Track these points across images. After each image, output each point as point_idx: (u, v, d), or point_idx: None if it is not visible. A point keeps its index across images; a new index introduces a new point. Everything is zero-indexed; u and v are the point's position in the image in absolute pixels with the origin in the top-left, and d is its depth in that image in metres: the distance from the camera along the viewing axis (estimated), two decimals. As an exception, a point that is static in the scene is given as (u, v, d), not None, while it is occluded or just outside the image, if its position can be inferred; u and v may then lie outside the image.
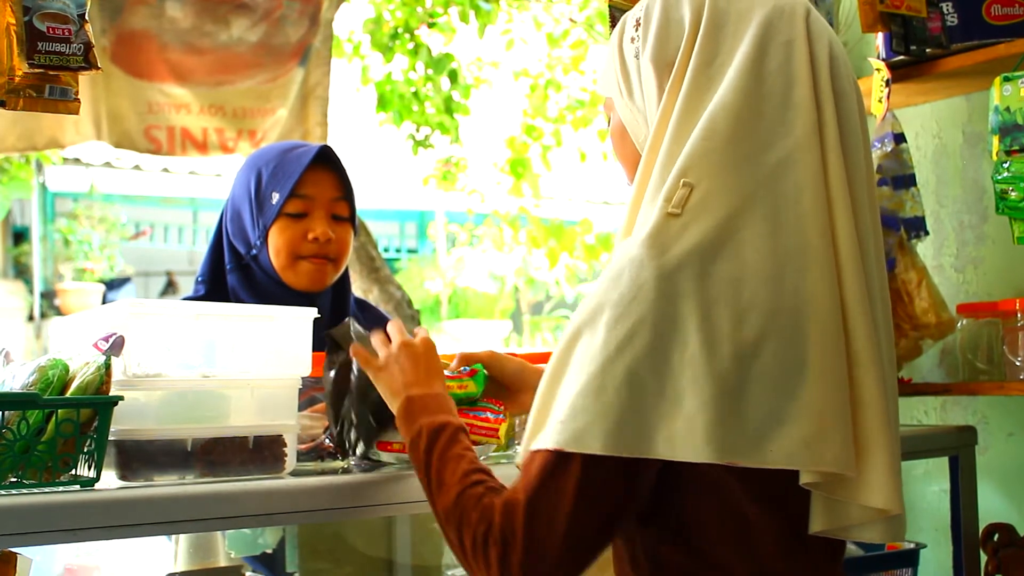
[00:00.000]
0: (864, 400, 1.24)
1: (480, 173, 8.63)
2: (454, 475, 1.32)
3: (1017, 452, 2.55)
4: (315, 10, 4.52)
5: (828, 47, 1.32)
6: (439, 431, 1.39)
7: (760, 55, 1.29)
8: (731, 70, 1.29)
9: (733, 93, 1.27)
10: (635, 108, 1.39)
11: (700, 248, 1.20)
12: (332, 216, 2.10)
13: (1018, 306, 2.26)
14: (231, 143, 4.47)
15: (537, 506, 1.20)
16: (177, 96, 4.38)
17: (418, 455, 1.39)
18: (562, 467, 1.20)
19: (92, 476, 1.40)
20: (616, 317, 1.20)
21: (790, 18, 1.32)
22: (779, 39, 1.30)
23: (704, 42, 1.31)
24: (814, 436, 1.18)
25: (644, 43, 1.36)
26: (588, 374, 1.20)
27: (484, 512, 1.24)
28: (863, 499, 1.23)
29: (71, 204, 9.49)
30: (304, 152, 2.08)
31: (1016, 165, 2.05)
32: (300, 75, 4.51)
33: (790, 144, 1.26)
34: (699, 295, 1.19)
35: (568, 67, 7.71)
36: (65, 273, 9.10)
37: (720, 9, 1.33)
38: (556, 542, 1.20)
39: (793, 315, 1.20)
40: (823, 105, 1.29)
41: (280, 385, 1.58)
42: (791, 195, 1.24)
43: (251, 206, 2.10)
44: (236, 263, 2.13)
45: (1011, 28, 2.29)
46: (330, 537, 2.06)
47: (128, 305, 1.49)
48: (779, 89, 1.28)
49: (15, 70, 1.48)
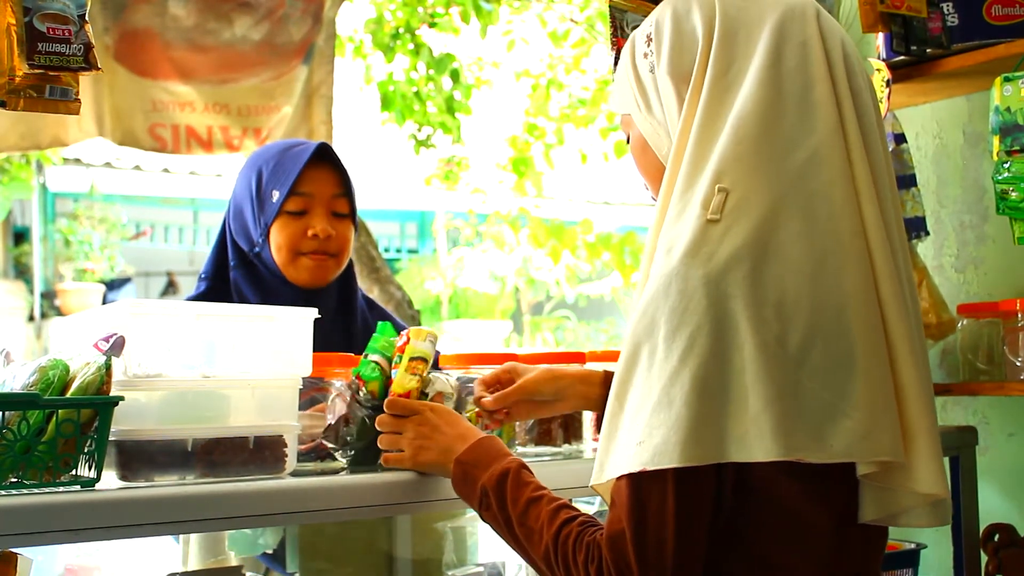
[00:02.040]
0: (905, 390, 1.27)
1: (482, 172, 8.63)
2: (539, 520, 1.34)
3: (1017, 452, 2.55)
4: (318, 8, 4.53)
5: (841, 45, 1.34)
6: (502, 482, 1.41)
7: (776, 58, 1.31)
8: (749, 75, 1.30)
9: (754, 97, 1.29)
10: (655, 121, 1.40)
11: (743, 251, 1.23)
12: (332, 213, 2.11)
13: (1018, 306, 2.25)
14: (236, 141, 4.47)
15: (643, 532, 1.22)
16: (181, 94, 4.38)
17: (493, 515, 1.42)
18: (654, 488, 1.22)
19: (93, 476, 1.40)
20: (673, 329, 1.22)
21: (801, 19, 1.34)
22: (793, 40, 1.32)
23: (719, 50, 1.33)
24: (869, 428, 1.22)
25: (659, 57, 1.37)
26: (656, 390, 1.22)
27: (589, 550, 1.27)
28: (912, 485, 1.27)
29: (71, 204, 9.50)
30: (303, 150, 2.10)
31: (1016, 165, 2.05)
32: (304, 73, 4.51)
33: (814, 143, 1.28)
34: (748, 297, 1.21)
35: (570, 67, 7.71)
36: (65, 273, 9.10)
37: (731, 17, 1.34)
38: (668, 563, 1.22)
39: (836, 311, 1.23)
40: (842, 102, 1.31)
41: (280, 385, 1.59)
42: (821, 193, 1.26)
43: (252, 204, 2.12)
44: (239, 260, 2.15)
45: (1011, 28, 2.29)
46: (330, 537, 2.06)
47: (128, 305, 1.49)
48: (798, 89, 1.30)
49: (15, 70, 1.48)
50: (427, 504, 1.61)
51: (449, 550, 2.18)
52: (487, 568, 2.18)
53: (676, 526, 1.22)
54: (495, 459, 1.45)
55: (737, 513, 1.28)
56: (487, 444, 1.49)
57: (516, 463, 1.44)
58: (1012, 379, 2.26)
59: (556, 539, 1.31)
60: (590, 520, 1.32)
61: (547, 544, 1.32)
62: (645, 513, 1.22)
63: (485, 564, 2.19)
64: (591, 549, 1.27)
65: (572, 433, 1.95)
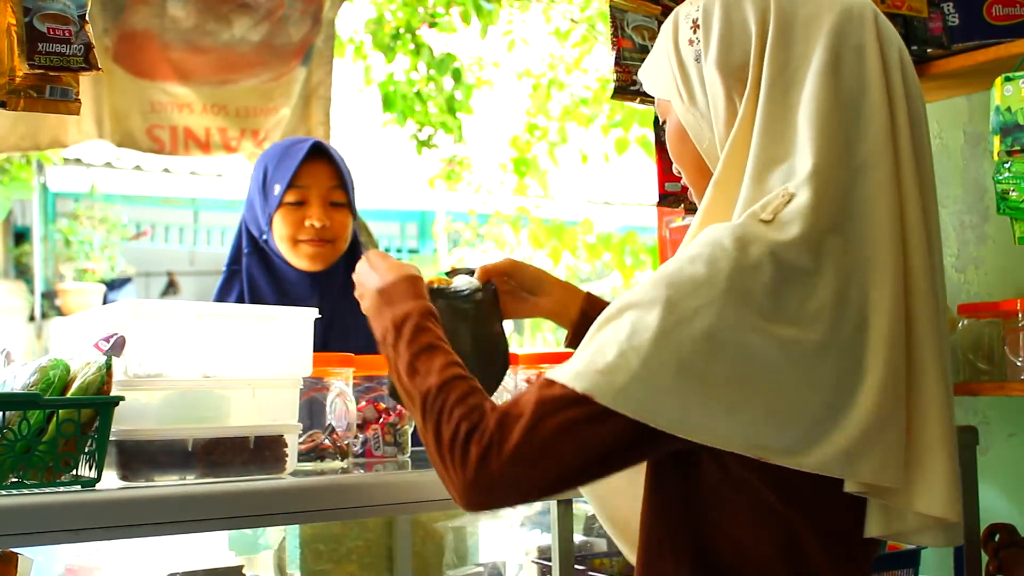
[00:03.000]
0: (927, 410, 1.24)
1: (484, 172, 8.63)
2: (431, 366, 1.29)
3: (1018, 452, 2.55)
4: (317, 9, 4.53)
5: (898, 51, 1.32)
6: (404, 321, 1.35)
7: (835, 61, 1.28)
8: (809, 77, 1.28)
9: (816, 100, 1.26)
10: (698, 113, 1.37)
11: (779, 256, 1.20)
12: (330, 203, 2.35)
13: (1019, 306, 2.25)
14: (234, 142, 4.48)
15: (541, 431, 1.18)
16: (180, 95, 4.38)
17: (387, 350, 1.36)
18: (582, 409, 1.18)
19: (93, 476, 1.40)
20: (682, 296, 1.19)
21: (860, 21, 1.31)
22: (850, 43, 1.30)
23: (774, 48, 1.30)
24: (855, 447, 1.19)
25: (707, 47, 1.33)
26: (642, 340, 1.17)
27: (472, 411, 1.22)
28: (920, 507, 1.23)
29: (72, 204, 9.49)
30: (300, 147, 2.34)
31: (1017, 165, 2.04)
32: (303, 74, 4.51)
33: (864, 151, 1.26)
34: (770, 299, 1.18)
35: (571, 66, 7.71)
36: (66, 273, 9.10)
37: (787, 12, 1.31)
38: (547, 469, 1.19)
39: (855, 327, 1.21)
40: (896, 110, 1.29)
41: (280, 385, 1.59)
42: (865, 203, 1.24)
43: (260, 197, 2.36)
44: (252, 247, 2.41)
45: (1012, 28, 2.28)
46: (330, 537, 2.06)
47: (129, 305, 1.49)
48: (854, 95, 1.28)
49: (16, 71, 1.48)
50: (427, 504, 1.61)
51: (449, 550, 2.18)
52: (487, 568, 2.18)
53: (576, 450, 1.19)
54: (407, 299, 1.39)
55: (720, 509, 1.28)
56: (406, 285, 1.42)
57: (426, 308, 1.39)
58: (1012, 379, 2.25)
59: (442, 386, 1.26)
60: (481, 389, 1.27)
61: (430, 387, 1.26)
62: (556, 419, 1.18)
63: (485, 564, 2.19)
64: (474, 411, 1.22)
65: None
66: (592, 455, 1.20)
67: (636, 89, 2.38)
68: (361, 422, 1.81)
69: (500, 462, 1.18)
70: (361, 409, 1.81)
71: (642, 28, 2.40)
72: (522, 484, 1.20)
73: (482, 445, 1.19)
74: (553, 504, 1.70)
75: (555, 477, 1.21)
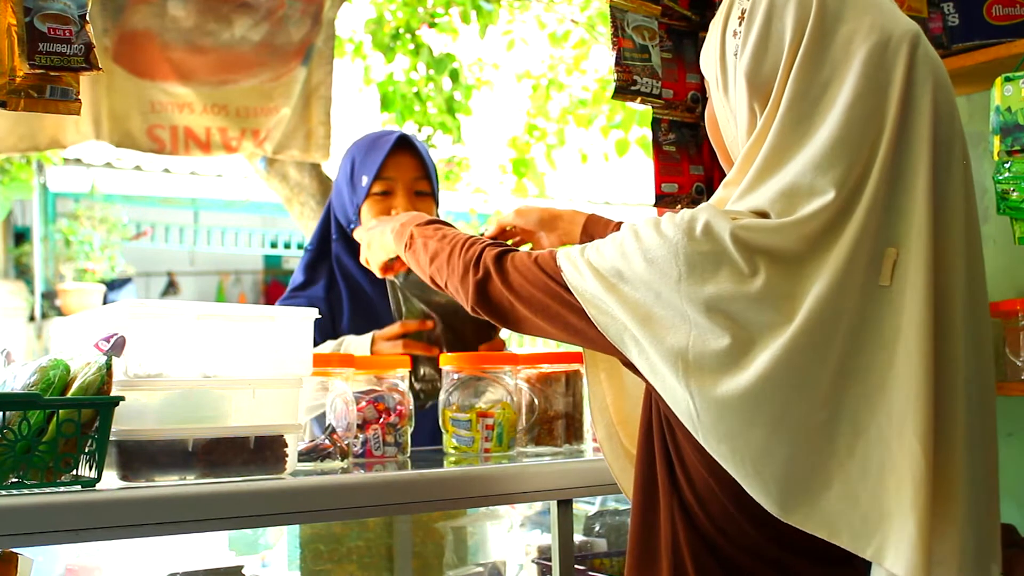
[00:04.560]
0: (896, 464, 1.19)
1: (483, 173, 8.63)
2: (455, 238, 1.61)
3: (1017, 452, 2.55)
4: (317, 9, 4.53)
5: (932, 92, 1.26)
6: (430, 223, 1.72)
7: (856, 99, 1.24)
8: (828, 111, 1.24)
9: (826, 142, 1.23)
10: (727, 106, 1.37)
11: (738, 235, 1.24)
12: (415, 192, 2.45)
13: (1019, 306, 2.25)
14: (234, 142, 4.48)
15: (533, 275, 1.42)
16: (180, 95, 4.38)
17: (413, 242, 1.70)
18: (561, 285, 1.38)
19: (93, 476, 1.40)
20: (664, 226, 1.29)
21: (894, 55, 1.25)
22: (878, 80, 1.24)
23: (801, 69, 1.26)
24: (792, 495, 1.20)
25: (743, 49, 1.32)
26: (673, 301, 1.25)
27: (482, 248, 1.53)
28: (885, 563, 1.18)
29: (72, 204, 9.49)
30: (386, 141, 2.44)
31: (1017, 165, 2.04)
32: (303, 74, 4.51)
33: (857, 195, 1.22)
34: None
35: (571, 67, 7.71)
36: (66, 273, 9.10)
37: (825, 27, 1.27)
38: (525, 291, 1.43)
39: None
40: (911, 157, 1.23)
41: (281, 385, 1.59)
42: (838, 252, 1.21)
43: (348, 187, 2.47)
44: (340, 233, 2.52)
45: (1012, 28, 2.29)
46: (330, 537, 2.06)
47: (129, 305, 1.49)
48: (869, 136, 1.23)
49: (16, 71, 1.48)
50: (427, 504, 1.61)
51: (449, 550, 2.18)
52: (487, 568, 2.18)
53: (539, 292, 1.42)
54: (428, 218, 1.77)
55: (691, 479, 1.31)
56: (420, 216, 1.79)
57: (424, 217, 1.78)
58: (1012, 379, 2.26)
59: (466, 245, 1.56)
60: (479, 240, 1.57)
61: (459, 247, 1.57)
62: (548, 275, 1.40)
63: (485, 564, 2.19)
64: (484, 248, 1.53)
65: (572, 433, 1.95)
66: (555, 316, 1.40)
67: (636, 89, 2.39)
68: (361, 422, 1.81)
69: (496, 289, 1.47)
70: (361, 409, 1.81)
71: (642, 28, 2.40)
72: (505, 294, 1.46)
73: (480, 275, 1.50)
74: (553, 504, 1.70)
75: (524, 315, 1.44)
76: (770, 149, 1.27)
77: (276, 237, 10.69)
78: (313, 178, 5.25)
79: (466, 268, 1.52)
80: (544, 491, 1.71)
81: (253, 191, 8.99)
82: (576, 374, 1.97)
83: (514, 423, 1.88)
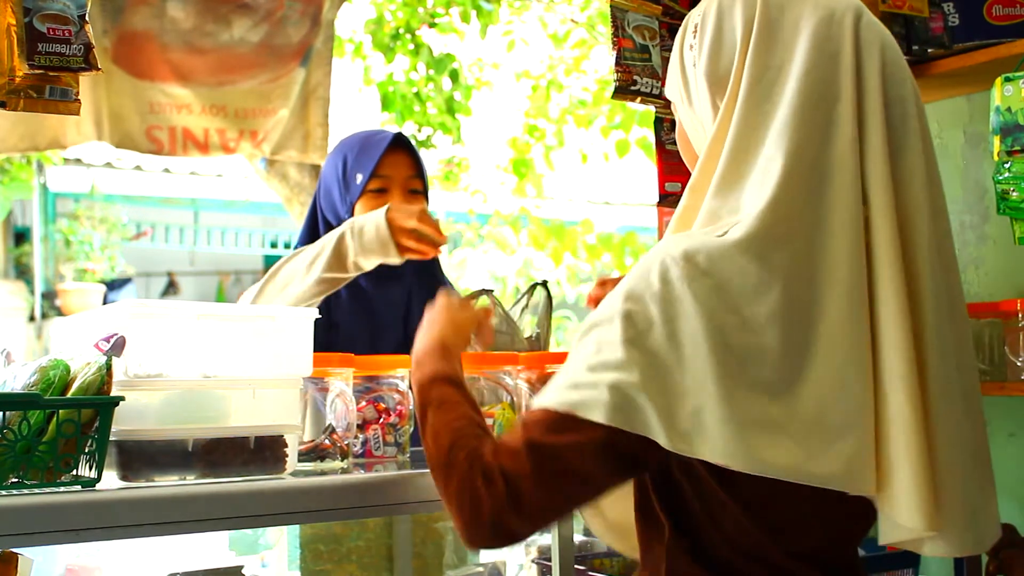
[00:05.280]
0: (890, 417, 1.21)
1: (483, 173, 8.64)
2: (446, 423, 1.33)
3: (1018, 452, 2.55)
4: (316, 11, 4.53)
5: (880, 52, 1.30)
6: (431, 384, 1.41)
7: (810, 71, 1.27)
8: (784, 89, 1.28)
9: (786, 114, 1.26)
10: (695, 116, 1.40)
11: (726, 266, 1.21)
12: (409, 191, 2.42)
13: (1019, 306, 2.25)
14: (232, 143, 4.48)
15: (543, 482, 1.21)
16: (179, 96, 4.38)
17: (416, 409, 1.41)
18: (568, 429, 1.21)
19: (93, 476, 1.40)
20: (640, 308, 1.22)
21: (839, 26, 1.29)
22: (827, 50, 1.28)
23: (755, 55, 1.30)
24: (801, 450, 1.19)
25: (699, 55, 1.36)
26: (608, 354, 1.21)
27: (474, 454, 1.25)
28: (898, 517, 1.21)
29: (72, 204, 9.49)
30: (382, 139, 2.43)
31: (1017, 165, 2.04)
32: (301, 75, 4.52)
33: (826, 162, 1.25)
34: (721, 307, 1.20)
35: (570, 68, 7.71)
36: (66, 273, 9.10)
37: (772, 17, 1.31)
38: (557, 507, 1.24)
39: (803, 333, 1.21)
40: (867, 118, 1.27)
41: (281, 385, 1.59)
42: (826, 211, 1.24)
43: (339, 185, 2.43)
44: (328, 232, 2.40)
45: (1012, 28, 2.29)
46: (330, 537, 2.06)
47: (129, 305, 1.49)
48: (825, 106, 1.26)
49: (15, 71, 1.48)
50: (427, 504, 1.61)
51: (449, 550, 2.18)
52: (487, 568, 2.18)
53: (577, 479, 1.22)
54: (441, 361, 1.45)
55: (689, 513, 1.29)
56: (445, 348, 1.47)
57: (448, 373, 1.42)
58: (1012, 379, 2.26)
59: (452, 444, 1.29)
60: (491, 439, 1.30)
61: (444, 446, 1.30)
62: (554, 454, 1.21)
63: (485, 564, 2.19)
64: (476, 454, 1.25)
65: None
66: (590, 476, 1.23)
67: (636, 89, 2.39)
68: (361, 422, 1.81)
69: (519, 522, 1.22)
70: (361, 409, 1.81)
71: (642, 28, 2.40)
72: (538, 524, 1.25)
73: (495, 507, 1.21)
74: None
75: (564, 508, 1.27)
76: (735, 137, 1.29)
77: (276, 237, 10.69)
78: (313, 178, 5.26)
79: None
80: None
81: (253, 191, 8.99)
82: (576, 374, 1.96)
83: (514, 423, 1.88)
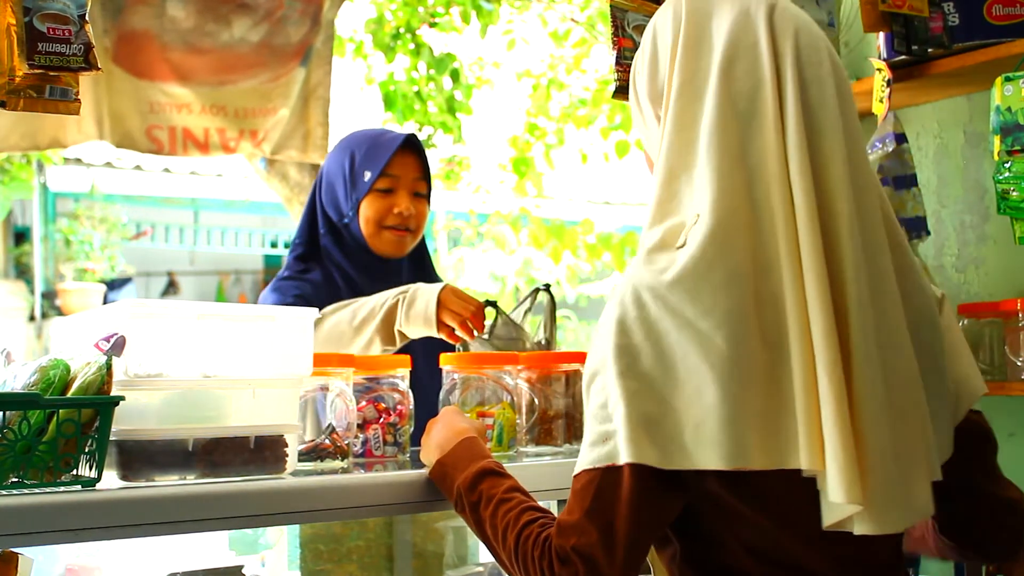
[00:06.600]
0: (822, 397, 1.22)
1: (483, 172, 8.64)
2: (505, 520, 1.39)
3: (1018, 452, 2.55)
4: (316, 10, 4.53)
5: (793, 37, 1.32)
6: (475, 484, 1.46)
7: (730, 65, 1.31)
8: (709, 90, 1.31)
9: (713, 110, 1.30)
10: (650, 136, 1.44)
11: (688, 271, 1.24)
12: (414, 193, 2.44)
13: (1019, 306, 2.25)
14: (232, 143, 4.48)
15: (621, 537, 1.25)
16: (179, 96, 4.38)
17: (466, 515, 1.47)
18: (604, 485, 1.26)
19: (93, 476, 1.40)
20: (618, 355, 1.26)
21: (754, 19, 1.33)
22: (745, 43, 1.32)
23: (683, 61, 1.34)
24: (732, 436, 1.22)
25: (642, 77, 1.42)
26: (607, 399, 1.27)
27: (544, 545, 1.30)
28: (829, 494, 1.22)
29: (72, 204, 9.49)
30: (394, 138, 2.44)
31: (1017, 165, 2.05)
32: (301, 75, 4.52)
33: (755, 151, 1.28)
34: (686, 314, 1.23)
35: (571, 67, 7.71)
36: (66, 273, 9.10)
37: (698, 24, 1.35)
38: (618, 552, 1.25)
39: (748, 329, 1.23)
40: (786, 104, 1.29)
41: (281, 385, 1.59)
42: (762, 201, 1.26)
43: (345, 182, 2.43)
44: (328, 228, 2.48)
45: (1012, 28, 2.28)
46: (330, 537, 2.06)
47: (129, 305, 1.49)
48: (747, 96, 1.30)
49: (15, 71, 1.48)
50: (427, 504, 1.61)
51: (449, 550, 2.18)
52: (487, 568, 2.18)
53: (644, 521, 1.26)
54: (472, 461, 1.50)
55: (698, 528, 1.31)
56: (467, 445, 1.54)
57: (490, 465, 1.48)
58: (1012, 379, 2.26)
59: (519, 539, 1.35)
60: (551, 520, 1.35)
61: (511, 545, 1.36)
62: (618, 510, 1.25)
63: (485, 564, 2.19)
64: (546, 543, 1.30)
65: (572, 433, 1.95)
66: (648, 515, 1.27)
67: (636, 89, 2.38)
68: (361, 422, 1.81)
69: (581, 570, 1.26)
70: (361, 409, 1.81)
71: (642, 28, 2.39)
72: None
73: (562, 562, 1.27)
74: (553, 504, 1.70)
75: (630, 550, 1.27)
76: (671, 134, 1.32)
77: (276, 237, 10.70)
78: (313, 178, 5.25)
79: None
80: (544, 491, 1.71)
81: (253, 191, 8.99)
82: (576, 374, 1.96)
83: (514, 423, 1.88)
